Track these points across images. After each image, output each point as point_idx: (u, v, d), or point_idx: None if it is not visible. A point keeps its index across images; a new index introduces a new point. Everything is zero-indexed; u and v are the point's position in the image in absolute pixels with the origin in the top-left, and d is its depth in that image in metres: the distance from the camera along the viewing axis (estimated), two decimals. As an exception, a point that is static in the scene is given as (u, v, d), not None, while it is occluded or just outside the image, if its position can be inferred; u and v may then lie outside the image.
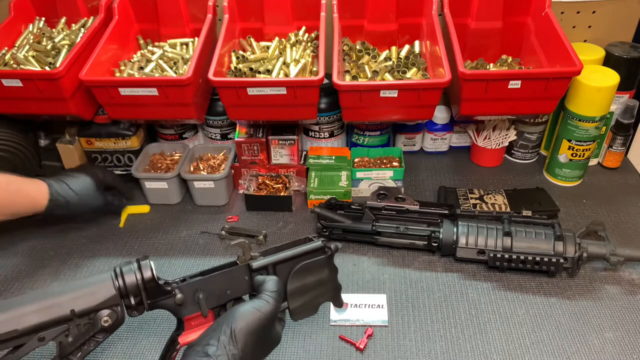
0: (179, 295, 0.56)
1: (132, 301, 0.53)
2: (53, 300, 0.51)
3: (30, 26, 1.05)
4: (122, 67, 0.98)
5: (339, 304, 0.66)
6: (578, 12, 1.04)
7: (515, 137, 1.09)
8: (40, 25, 1.05)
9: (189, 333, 0.57)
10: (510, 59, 1.02)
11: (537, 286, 0.82)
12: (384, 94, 0.87)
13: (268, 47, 1.02)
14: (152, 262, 0.55)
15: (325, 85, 0.92)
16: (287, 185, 1.01)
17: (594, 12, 1.04)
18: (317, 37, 1.02)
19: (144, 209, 1.01)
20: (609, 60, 1.00)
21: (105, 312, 0.52)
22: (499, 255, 0.82)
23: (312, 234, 0.63)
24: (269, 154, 1.02)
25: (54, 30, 1.05)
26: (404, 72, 0.95)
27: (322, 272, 0.62)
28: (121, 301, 0.53)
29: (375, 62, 0.99)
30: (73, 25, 1.06)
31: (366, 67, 0.96)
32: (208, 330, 0.53)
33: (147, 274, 0.54)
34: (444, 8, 0.97)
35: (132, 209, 1.01)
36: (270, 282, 0.57)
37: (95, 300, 0.52)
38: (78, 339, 0.51)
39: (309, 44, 1.02)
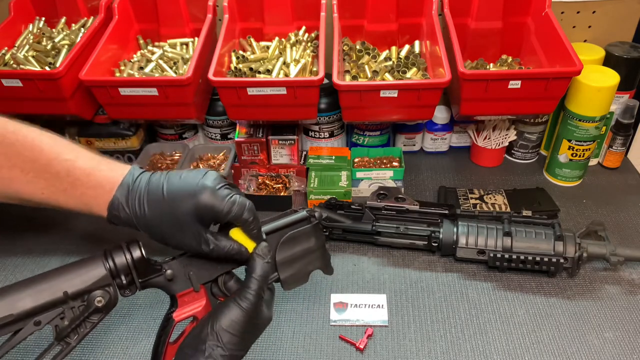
0: (168, 271, 0.57)
1: (124, 280, 0.54)
2: (46, 284, 0.52)
3: (30, 26, 1.05)
4: (122, 67, 0.98)
5: (329, 271, 0.68)
6: (578, 12, 1.04)
7: (515, 137, 1.09)
8: (40, 25, 1.05)
9: (183, 309, 0.59)
10: (510, 59, 1.02)
11: (537, 286, 0.82)
12: (384, 94, 0.87)
13: (268, 47, 1.02)
14: (141, 243, 0.56)
15: (325, 85, 0.92)
16: (287, 185, 1.01)
17: (594, 12, 1.04)
18: (317, 37, 1.02)
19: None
20: (609, 60, 1.00)
21: (98, 292, 0.53)
22: (499, 255, 0.82)
23: (298, 207, 0.65)
24: (269, 154, 1.02)
25: (54, 30, 1.05)
26: (404, 72, 0.95)
27: (310, 240, 0.65)
28: (113, 281, 0.54)
29: (375, 62, 0.99)
30: (73, 25, 1.06)
31: (366, 67, 0.96)
32: (195, 331, 0.55)
33: (137, 254, 0.55)
34: (444, 8, 0.97)
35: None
36: (258, 264, 0.58)
37: (87, 281, 0.53)
38: (73, 321, 0.52)
39: (309, 44, 1.02)
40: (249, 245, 0.59)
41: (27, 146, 0.54)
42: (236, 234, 0.59)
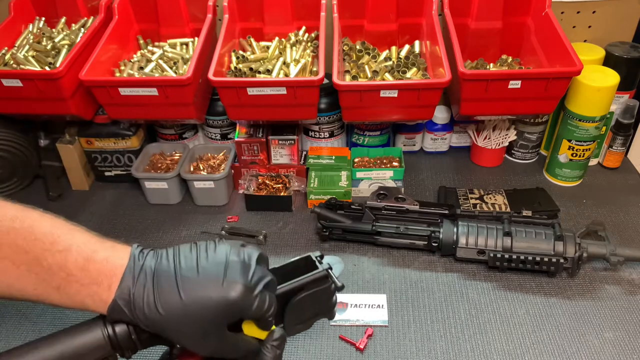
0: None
1: (126, 353, 0.48)
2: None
3: (30, 26, 1.05)
4: (122, 67, 0.98)
5: (331, 316, 0.62)
6: (578, 12, 1.04)
7: (515, 137, 1.09)
8: (40, 25, 1.05)
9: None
10: (510, 59, 1.02)
11: (537, 286, 0.82)
12: (384, 94, 0.87)
13: (268, 47, 1.02)
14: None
15: (325, 85, 0.92)
16: (287, 185, 1.01)
17: (594, 12, 1.04)
18: (317, 37, 1.02)
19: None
20: (609, 60, 1.00)
21: None
22: (499, 255, 0.82)
23: (315, 253, 0.57)
24: (269, 154, 1.02)
25: (54, 30, 1.05)
26: (404, 72, 0.95)
27: (322, 297, 0.58)
28: (115, 353, 0.48)
29: (375, 62, 0.99)
30: (73, 25, 1.06)
31: (366, 67, 0.96)
32: None
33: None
34: (444, 8, 0.97)
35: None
36: (270, 357, 0.50)
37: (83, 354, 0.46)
38: None
39: (309, 44, 1.02)
40: (261, 335, 0.50)
41: (22, 234, 0.46)
42: (249, 326, 0.50)
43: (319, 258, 0.56)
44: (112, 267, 0.46)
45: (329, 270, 0.56)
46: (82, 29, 1.04)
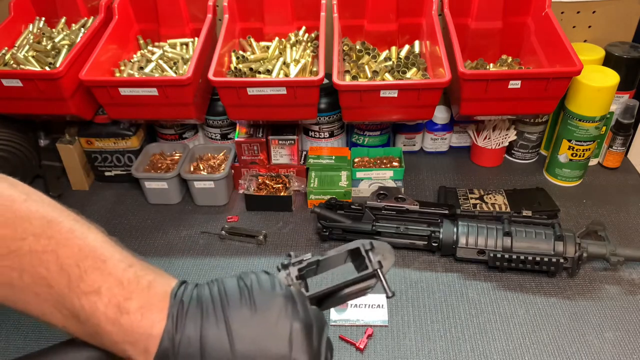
0: None
1: None
2: None
3: (30, 26, 1.05)
4: (122, 67, 0.98)
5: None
6: (578, 12, 1.04)
7: (515, 137, 1.09)
8: (40, 25, 1.05)
9: None
10: (510, 59, 1.02)
11: (537, 286, 0.82)
12: (384, 94, 0.87)
13: (268, 47, 1.02)
14: None
15: (325, 85, 0.92)
16: (287, 185, 1.01)
17: (594, 12, 1.04)
18: (317, 37, 1.02)
19: None
20: (609, 60, 1.00)
21: None
22: (499, 255, 0.82)
23: (365, 243, 0.49)
24: (269, 154, 1.02)
25: (54, 30, 1.05)
26: (404, 72, 0.95)
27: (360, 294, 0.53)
28: None
29: (375, 62, 0.99)
30: (73, 25, 1.06)
31: (366, 67, 0.96)
32: None
33: None
34: (444, 8, 0.97)
35: None
36: None
37: None
38: None
39: (309, 44, 1.02)
40: None
41: (45, 260, 0.38)
42: None
43: (369, 253, 0.49)
44: (148, 324, 0.38)
45: (380, 272, 0.49)
46: (82, 29, 1.04)
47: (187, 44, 1.05)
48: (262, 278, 0.42)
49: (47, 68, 0.96)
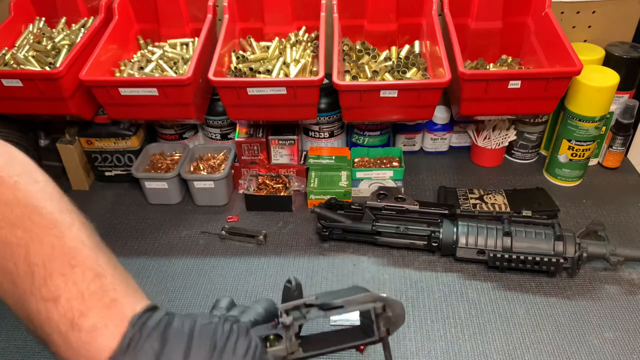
0: None
1: None
2: None
3: (30, 26, 1.05)
4: (122, 67, 0.98)
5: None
6: (578, 12, 1.04)
7: (515, 137, 1.09)
8: (40, 25, 1.05)
9: None
10: (510, 59, 1.02)
11: (537, 286, 0.82)
12: (384, 94, 0.87)
13: (268, 47, 1.02)
14: None
15: (325, 85, 0.92)
16: (287, 185, 1.01)
17: (594, 12, 1.04)
18: (317, 37, 1.02)
19: None
20: (609, 60, 1.00)
21: None
22: (499, 255, 0.82)
23: (377, 307, 0.47)
24: (269, 154, 1.02)
25: (54, 30, 1.05)
26: (404, 72, 0.95)
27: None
28: None
29: (375, 62, 0.99)
30: (73, 25, 1.06)
31: (366, 67, 0.96)
32: None
33: None
34: (444, 8, 0.97)
35: None
36: None
37: None
38: None
39: (309, 44, 1.02)
40: None
41: (15, 254, 0.37)
42: None
43: (379, 319, 0.47)
44: (96, 347, 0.36)
45: (386, 340, 0.48)
46: (82, 29, 1.04)
47: (187, 44, 1.05)
48: (239, 344, 0.39)
49: (47, 68, 0.96)
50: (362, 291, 0.48)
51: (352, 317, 0.78)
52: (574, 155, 1.00)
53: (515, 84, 0.86)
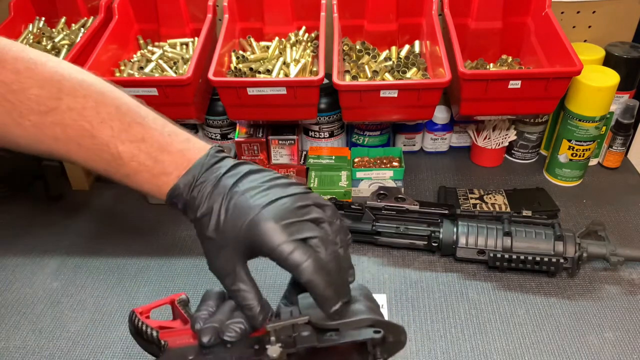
0: None
1: None
2: None
3: (30, 26, 1.05)
4: (122, 67, 0.98)
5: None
6: (578, 12, 1.04)
7: (515, 137, 1.09)
8: (40, 25, 1.05)
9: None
10: (510, 59, 1.02)
11: (537, 286, 0.82)
12: (384, 94, 0.87)
13: (268, 47, 1.02)
14: None
15: (325, 85, 0.91)
16: (287, 185, 1.01)
17: (594, 12, 1.04)
18: (317, 37, 1.02)
19: None
20: (609, 60, 1.00)
21: None
22: (499, 255, 0.82)
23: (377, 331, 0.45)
24: (269, 154, 1.02)
25: (54, 30, 1.05)
26: (404, 72, 0.95)
27: None
28: None
29: (375, 62, 0.99)
30: (73, 25, 1.06)
31: (366, 67, 0.96)
32: None
33: None
34: (444, 8, 0.97)
35: None
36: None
37: None
38: None
39: (309, 44, 1.02)
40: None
41: (88, 114, 0.46)
42: None
43: (377, 349, 0.45)
44: (187, 159, 0.48)
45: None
46: (82, 29, 1.04)
47: (187, 44, 1.05)
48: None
49: (47, 68, 0.96)
50: (365, 291, 0.48)
51: (352, 317, 0.78)
52: (574, 155, 1.00)
53: (515, 84, 0.86)
